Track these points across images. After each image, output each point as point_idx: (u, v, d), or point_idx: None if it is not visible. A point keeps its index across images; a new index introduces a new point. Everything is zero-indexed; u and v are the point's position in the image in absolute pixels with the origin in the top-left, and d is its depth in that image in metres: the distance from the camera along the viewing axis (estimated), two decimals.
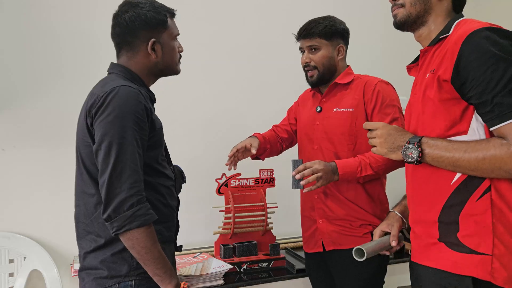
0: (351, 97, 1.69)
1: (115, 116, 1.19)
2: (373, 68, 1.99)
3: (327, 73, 1.71)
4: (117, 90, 1.21)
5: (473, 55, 1.02)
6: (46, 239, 2.08)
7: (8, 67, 2.05)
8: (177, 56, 1.42)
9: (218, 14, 2.40)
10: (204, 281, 1.78)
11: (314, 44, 1.69)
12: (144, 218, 1.18)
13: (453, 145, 1.06)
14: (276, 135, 1.92)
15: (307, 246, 1.80)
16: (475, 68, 1.01)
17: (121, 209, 1.16)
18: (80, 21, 2.15)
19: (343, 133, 1.67)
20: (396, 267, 2.00)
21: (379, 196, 1.71)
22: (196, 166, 1.84)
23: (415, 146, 1.10)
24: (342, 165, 1.59)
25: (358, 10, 2.65)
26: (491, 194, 1.04)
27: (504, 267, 1.02)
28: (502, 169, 1.00)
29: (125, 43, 1.35)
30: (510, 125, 0.98)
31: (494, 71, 0.99)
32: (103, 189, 1.18)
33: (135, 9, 1.32)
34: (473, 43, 1.02)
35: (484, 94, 1.00)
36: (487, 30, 1.02)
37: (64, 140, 2.11)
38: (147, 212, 1.19)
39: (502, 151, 0.99)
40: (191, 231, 2.19)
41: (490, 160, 1.00)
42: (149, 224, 1.19)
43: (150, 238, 1.20)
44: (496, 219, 1.04)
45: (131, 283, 1.24)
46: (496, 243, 1.03)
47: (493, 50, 0.99)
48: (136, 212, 1.16)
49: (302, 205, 1.84)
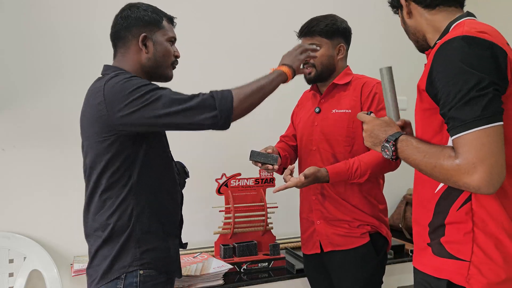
0: (349, 98, 1.69)
1: (126, 78, 1.24)
2: (373, 68, 1.99)
3: (325, 72, 1.71)
4: (117, 73, 1.26)
5: (440, 67, 1.02)
6: (46, 239, 2.08)
7: (8, 67, 2.05)
8: (170, 59, 1.41)
9: (218, 14, 2.40)
10: (204, 281, 1.78)
11: (315, 42, 1.69)
12: (223, 93, 1.27)
13: (420, 148, 1.06)
14: (286, 145, 1.91)
15: (306, 248, 1.80)
16: (440, 79, 1.01)
17: (212, 108, 1.25)
18: (80, 21, 2.14)
19: (340, 134, 1.67)
20: (396, 267, 2.00)
21: (376, 196, 1.71)
22: (196, 166, 1.84)
23: (390, 144, 1.12)
24: (333, 175, 1.59)
25: (358, 10, 2.65)
26: (472, 203, 1.05)
27: (483, 274, 1.03)
28: (449, 180, 1.00)
29: (119, 39, 1.37)
30: (459, 139, 0.97)
31: (454, 84, 0.98)
32: (193, 125, 1.28)
33: (131, 8, 1.38)
34: (442, 54, 1.02)
35: (444, 106, 1.00)
36: (460, 40, 1.01)
37: (64, 140, 2.11)
38: (215, 92, 1.29)
39: (448, 163, 0.98)
40: (191, 231, 2.18)
41: (440, 169, 1.01)
42: (228, 90, 1.29)
43: (242, 91, 1.30)
44: (477, 227, 1.04)
45: (136, 279, 1.26)
46: (475, 250, 1.04)
47: (457, 62, 0.98)
48: (217, 97, 1.26)
49: (301, 207, 1.84)
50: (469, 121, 0.95)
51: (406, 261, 2.07)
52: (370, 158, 1.59)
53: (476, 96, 0.95)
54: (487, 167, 0.93)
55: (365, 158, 1.60)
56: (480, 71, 0.96)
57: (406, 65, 2.29)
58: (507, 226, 1.03)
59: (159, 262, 1.31)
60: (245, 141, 2.43)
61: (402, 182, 1.44)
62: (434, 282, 1.09)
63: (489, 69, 0.97)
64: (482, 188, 0.95)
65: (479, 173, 0.94)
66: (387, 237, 1.72)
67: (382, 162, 1.58)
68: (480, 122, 0.94)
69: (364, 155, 1.61)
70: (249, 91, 1.30)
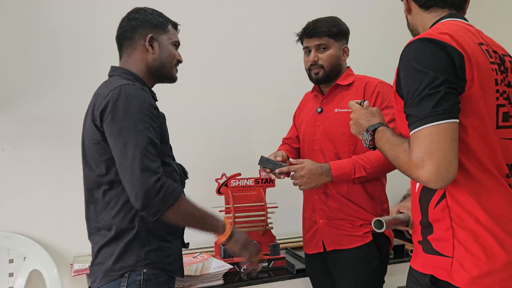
0: (352, 98, 1.69)
1: (124, 110, 1.22)
2: (373, 68, 1.99)
3: (332, 73, 1.72)
4: (122, 88, 1.25)
5: (401, 67, 1.07)
6: (46, 239, 2.09)
7: (8, 67, 2.05)
8: (174, 61, 1.44)
9: (218, 13, 2.40)
10: (204, 281, 1.78)
11: (323, 43, 1.70)
12: (173, 196, 1.22)
13: (389, 139, 1.10)
14: (291, 148, 1.91)
15: (308, 248, 1.81)
16: (403, 79, 1.05)
17: (151, 197, 1.18)
18: (80, 21, 2.15)
19: (344, 133, 1.67)
20: (396, 267, 2.00)
21: (379, 196, 1.72)
22: (196, 166, 1.84)
23: (368, 134, 1.16)
24: (336, 167, 1.60)
25: (357, 10, 2.65)
26: (447, 200, 1.07)
27: (465, 269, 1.04)
28: (406, 173, 1.04)
29: (125, 39, 1.40)
30: (412, 135, 1.01)
31: (412, 83, 1.02)
32: (126, 183, 1.21)
33: (139, 11, 1.42)
34: (403, 55, 1.08)
35: (405, 105, 1.04)
36: (418, 41, 1.06)
37: (64, 140, 2.11)
38: (173, 189, 1.22)
39: (403, 156, 1.03)
40: (191, 231, 2.19)
41: (398, 162, 1.05)
42: (179, 198, 1.24)
43: (187, 207, 1.27)
44: (455, 223, 1.06)
45: (139, 278, 1.27)
46: (457, 245, 1.06)
47: (413, 63, 1.03)
48: (164, 194, 1.20)
49: (304, 207, 1.84)
50: (421, 117, 0.99)
51: (406, 261, 2.07)
52: (376, 155, 1.59)
53: (429, 94, 0.99)
54: (435, 162, 0.97)
55: (370, 155, 1.61)
56: (434, 70, 1.00)
57: None
58: (482, 219, 1.04)
59: (163, 262, 1.32)
60: (245, 141, 2.44)
61: (402, 182, 1.44)
62: (421, 278, 1.11)
63: (443, 68, 1.00)
64: (430, 181, 0.99)
65: (427, 167, 0.98)
66: (389, 237, 1.73)
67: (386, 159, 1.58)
68: (430, 119, 0.98)
69: (369, 153, 1.62)
70: (192, 212, 1.29)
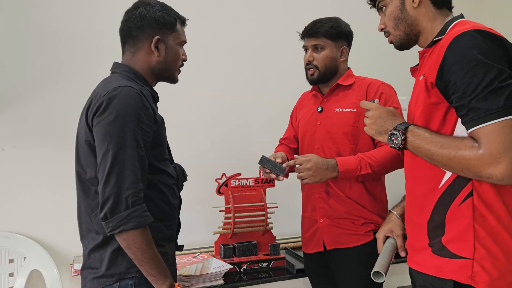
0: (353, 98, 1.70)
1: (115, 116, 1.19)
2: (373, 68, 2.00)
3: (328, 73, 1.73)
4: (119, 90, 1.21)
5: (455, 58, 1.02)
6: (46, 239, 2.08)
7: (8, 67, 2.05)
8: (179, 63, 1.41)
9: (219, 14, 2.40)
10: (204, 281, 1.78)
11: (319, 43, 1.70)
12: (139, 220, 1.17)
13: (433, 138, 1.07)
14: (289, 148, 1.91)
15: (307, 247, 1.80)
16: (456, 71, 1.01)
17: (117, 210, 1.15)
18: (80, 21, 2.14)
19: (345, 132, 1.68)
20: (396, 267, 1.99)
21: (380, 195, 1.73)
22: (196, 166, 1.85)
23: (399, 133, 1.11)
24: (343, 163, 1.60)
25: (357, 10, 2.64)
26: (473, 199, 1.05)
27: (486, 270, 1.03)
28: (469, 170, 1.01)
29: (130, 37, 1.35)
30: (482, 129, 0.98)
31: (474, 75, 0.99)
32: (100, 189, 1.18)
33: (146, 7, 1.35)
34: (456, 46, 1.03)
35: (463, 98, 1.01)
36: (474, 32, 1.02)
37: (64, 140, 2.10)
38: (143, 214, 1.18)
39: (471, 153, 0.99)
40: (191, 231, 2.19)
41: (459, 159, 1.01)
42: (144, 226, 1.18)
43: (145, 239, 1.19)
44: (477, 223, 1.04)
45: (131, 282, 1.24)
46: (477, 247, 1.04)
47: (474, 54, 0.99)
48: (132, 213, 1.16)
49: (303, 206, 1.84)
50: (493, 111, 0.96)
51: (406, 261, 2.07)
52: (380, 153, 1.61)
53: (499, 87, 0.96)
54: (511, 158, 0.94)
55: (375, 153, 1.62)
56: (499, 63, 0.98)
57: (406, 65, 2.29)
58: (504, 218, 1.04)
59: None
60: (245, 141, 2.44)
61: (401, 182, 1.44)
62: (439, 284, 1.09)
63: (506, 62, 0.99)
64: (505, 178, 0.96)
65: (504, 163, 0.95)
66: None
67: (392, 157, 1.59)
68: (504, 113, 0.96)
69: (374, 151, 1.63)
70: (148, 247, 1.19)
